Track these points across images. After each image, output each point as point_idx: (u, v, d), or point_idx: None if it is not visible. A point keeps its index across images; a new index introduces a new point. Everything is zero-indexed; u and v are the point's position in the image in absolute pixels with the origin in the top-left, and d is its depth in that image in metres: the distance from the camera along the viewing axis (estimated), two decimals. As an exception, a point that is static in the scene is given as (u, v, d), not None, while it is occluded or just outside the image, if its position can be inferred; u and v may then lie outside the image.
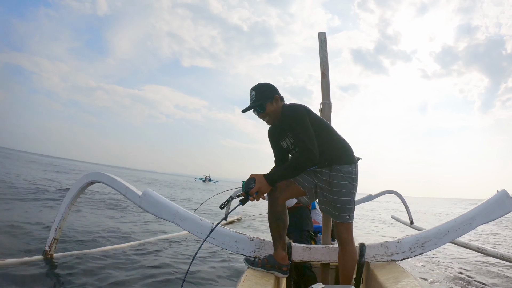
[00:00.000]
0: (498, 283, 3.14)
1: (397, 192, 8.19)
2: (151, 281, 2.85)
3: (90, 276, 2.81)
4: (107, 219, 6.08)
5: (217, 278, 3.19)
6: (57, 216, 2.97)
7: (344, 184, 1.84)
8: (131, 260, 3.46)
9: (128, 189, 2.56)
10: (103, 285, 2.53)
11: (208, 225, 2.27)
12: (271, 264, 1.91)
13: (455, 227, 2.13)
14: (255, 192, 1.73)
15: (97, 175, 2.89)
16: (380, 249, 2.15)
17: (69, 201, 3.00)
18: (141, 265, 3.34)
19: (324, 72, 2.31)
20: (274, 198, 1.91)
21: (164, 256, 3.84)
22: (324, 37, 2.38)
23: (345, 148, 1.93)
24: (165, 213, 2.33)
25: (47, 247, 2.98)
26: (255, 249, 2.17)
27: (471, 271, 3.72)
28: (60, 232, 2.98)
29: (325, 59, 2.32)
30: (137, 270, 3.12)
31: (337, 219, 1.85)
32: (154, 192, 2.43)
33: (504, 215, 2.10)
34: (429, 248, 2.15)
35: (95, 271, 2.94)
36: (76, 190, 2.99)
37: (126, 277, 2.83)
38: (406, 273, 1.84)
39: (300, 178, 1.95)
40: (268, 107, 1.89)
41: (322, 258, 2.15)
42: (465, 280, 3.24)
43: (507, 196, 2.08)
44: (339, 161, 1.86)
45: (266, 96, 1.89)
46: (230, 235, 2.23)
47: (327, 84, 2.31)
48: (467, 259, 4.45)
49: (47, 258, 2.97)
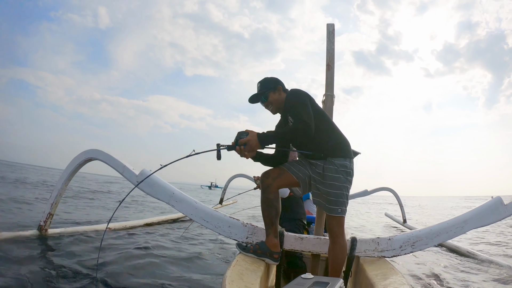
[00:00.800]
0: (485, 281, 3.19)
1: (393, 190, 8.23)
2: (141, 261, 2.87)
3: (82, 253, 2.84)
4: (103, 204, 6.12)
5: (208, 261, 3.23)
6: (54, 192, 2.99)
7: (338, 177, 1.84)
8: (125, 241, 3.50)
9: (125, 167, 2.57)
10: (94, 263, 2.56)
11: (203, 208, 2.29)
12: (262, 251, 1.93)
13: (447, 229, 2.15)
14: (244, 144, 1.72)
15: (95, 152, 2.89)
16: (371, 244, 2.17)
17: (66, 177, 3.01)
18: (133, 245, 3.38)
19: (329, 64, 2.28)
20: (267, 185, 1.93)
21: (158, 237, 3.89)
22: (332, 28, 2.34)
23: (341, 141, 1.93)
24: (161, 193, 2.34)
25: (42, 222, 3.01)
26: (248, 235, 2.19)
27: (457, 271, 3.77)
28: (55, 208, 3.01)
29: (331, 51, 2.29)
30: (129, 250, 3.15)
31: (329, 212, 1.85)
32: (151, 172, 2.44)
33: (497, 222, 2.12)
34: (419, 248, 2.17)
35: (87, 249, 2.98)
36: (73, 166, 3.00)
37: (117, 257, 2.86)
38: (395, 270, 1.86)
39: (295, 168, 1.96)
40: (271, 96, 1.99)
41: (313, 248, 2.17)
42: (449, 279, 3.29)
43: (501, 203, 2.10)
44: (333, 154, 1.86)
45: (270, 86, 2.00)
46: (224, 219, 2.24)
47: (331, 76, 2.28)
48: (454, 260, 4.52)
49: (42, 233, 3.00)
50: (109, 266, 2.58)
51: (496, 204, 2.10)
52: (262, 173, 1.98)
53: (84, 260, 2.64)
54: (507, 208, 2.08)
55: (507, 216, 2.09)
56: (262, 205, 1.95)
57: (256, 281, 1.60)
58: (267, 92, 1.98)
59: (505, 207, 2.08)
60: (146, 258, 2.97)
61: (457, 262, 4.14)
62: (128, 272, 2.51)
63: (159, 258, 3.04)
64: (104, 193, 12.36)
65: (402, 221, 8.42)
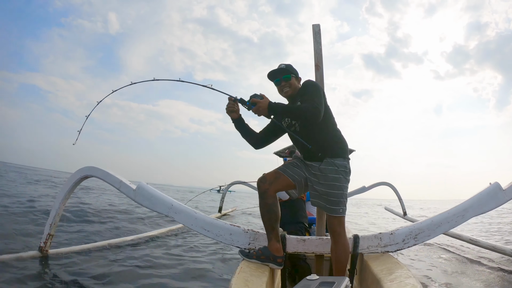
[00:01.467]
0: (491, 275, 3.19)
1: (390, 184, 8.28)
2: (144, 276, 2.84)
3: (85, 273, 2.79)
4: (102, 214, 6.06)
5: (212, 270, 3.20)
6: (52, 212, 2.95)
7: (338, 178, 1.84)
8: (126, 256, 3.45)
9: (122, 183, 2.54)
10: (98, 281, 2.52)
11: (203, 218, 2.27)
12: (265, 256, 1.91)
13: (448, 219, 2.15)
14: (254, 104, 1.81)
15: (91, 169, 2.86)
16: (374, 240, 2.17)
17: (63, 196, 2.97)
18: (136, 260, 3.33)
19: (318, 64, 2.30)
20: (264, 190, 1.92)
21: (159, 251, 3.84)
22: (318, 29, 2.36)
23: (342, 141, 1.95)
24: (159, 206, 2.32)
25: (42, 243, 2.96)
26: (250, 241, 2.18)
27: (461, 262, 3.78)
28: (55, 228, 2.96)
29: (319, 51, 2.31)
30: (132, 266, 3.11)
31: (330, 212, 1.85)
32: (148, 186, 2.42)
33: (497, 207, 2.13)
34: (422, 240, 2.17)
35: (90, 267, 2.93)
36: (70, 185, 2.96)
37: (120, 274, 2.81)
38: (400, 264, 1.86)
39: (290, 170, 1.96)
40: (292, 79, 2.03)
41: (316, 249, 2.16)
42: (455, 271, 3.29)
43: (499, 188, 2.10)
44: (332, 154, 1.87)
45: (294, 72, 2.06)
46: (225, 227, 2.23)
47: (321, 76, 2.30)
48: (459, 249, 4.52)
49: (42, 254, 2.94)
50: (111, 285, 2.55)
51: (495, 189, 2.11)
52: (258, 178, 1.97)
53: (86, 281, 2.59)
54: (505, 193, 2.09)
55: (507, 200, 2.10)
56: (261, 210, 1.94)
57: (262, 287, 1.59)
58: (291, 75, 2.02)
59: (503, 192, 2.09)
60: (149, 271, 2.93)
61: (461, 252, 4.15)
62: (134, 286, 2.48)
63: (162, 271, 3.00)
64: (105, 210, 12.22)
65: (403, 214, 8.46)
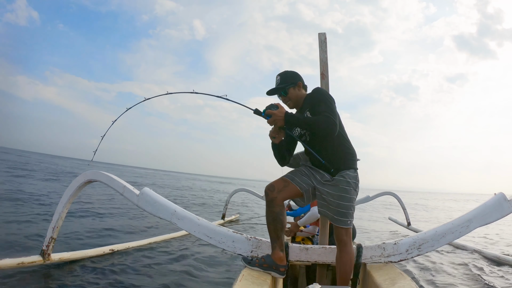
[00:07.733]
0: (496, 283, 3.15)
1: (395, 194, 8.22)
2: (147, 284, 2.82)
3: (87, 277, 2.79)
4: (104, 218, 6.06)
5: (214, 276, 3.18)
6: (55, 215, 2.95)
7: (349, 190, 1.85)
8: (128, 261, 3.44)
9: (125, 188, 2.55)
10: (100, 287, 2.52)
11: (206, 224, 2.27)
12: (268, 264, 1.90)
13: (452, 229, 2.13)
14: (269, 116, 1.77)
15: (95, 174, 2.87)
16: (377, 250, 2.15)
17: (66, 200, 2.98)
18: (138, 265, 3.32)
19: (323, 73, 2.32)
20: (272, 199, 1.91)
21: (162, 257, 3.83)
22: (324, 37, 2.38)
23: (353, 152, 1.94)
24: (163, 212, 2.32)
25: (45, 247, 2.96)
26: (253, 249, 2.17)
27: (465, 273, 3.73)
28: (57, 231, 2.96)
29: (325, 60, 2.33)
30: (134, 271, 3.10)
31: (338, 223, 1.85)
32: (152, 191, 2.42)
33: (501, 218, 2.10)
34: (426, 250, 2.15)
35: (92, 272, 2.93)
36: (73, 189, 2.97)
37: (122, 279, 2.81)
38: (403, 275, 1.85)
39: (298, 179, 1.95)
40: (290, 91, 1.98)
41: (319, 258, 2.15)
42: (460, 282, 3.25)
43: (504, 199, 2.08)
44: (344, 166, 1.87)
45: (290, 81, 1.98)
46: (228, 234, 2.23)
47: (326, 85, 2.31)
48: (462, 260, 4.47)
49: (44, 258, 2.94)
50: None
51: (499, 200, 2.09)
52: (266, 186, 1.95)
53: (88, 286, 2.59)
54: (510, 203, 2.07)
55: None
56: (267, 219, 1.93)
57: (263, 295, 1.58)
58: (287, 87, 1.96)
59: (508, 203, 2.07)
60: (151, 277, 2.92)
61: (464, 262, 4.11)
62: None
63: (164, 277, 2.99)
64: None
65: (407, 224, 8.38)
